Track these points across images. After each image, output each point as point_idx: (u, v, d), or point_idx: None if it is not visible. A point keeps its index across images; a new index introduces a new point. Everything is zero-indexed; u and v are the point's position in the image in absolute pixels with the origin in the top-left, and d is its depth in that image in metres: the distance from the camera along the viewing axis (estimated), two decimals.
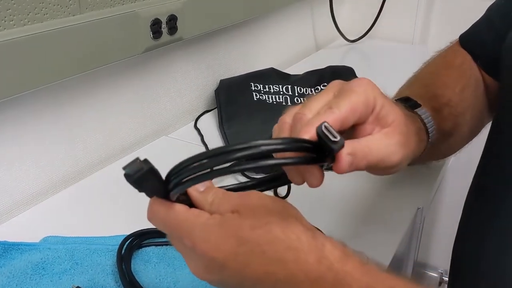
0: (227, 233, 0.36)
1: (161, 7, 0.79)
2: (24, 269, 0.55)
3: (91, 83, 0.76)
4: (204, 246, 0.36)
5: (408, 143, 0.46)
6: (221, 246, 0.36)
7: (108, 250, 0.59)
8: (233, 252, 0.36)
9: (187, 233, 0.37)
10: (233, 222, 0.36)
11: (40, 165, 0.72)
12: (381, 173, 0.46)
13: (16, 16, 0.61)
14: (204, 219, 0.37)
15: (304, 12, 1.36)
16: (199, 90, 1.01)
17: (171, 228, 0.38)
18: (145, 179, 0.37)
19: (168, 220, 0.38)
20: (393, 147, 0.44)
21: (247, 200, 0.38)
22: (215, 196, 0.39)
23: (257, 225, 0.36)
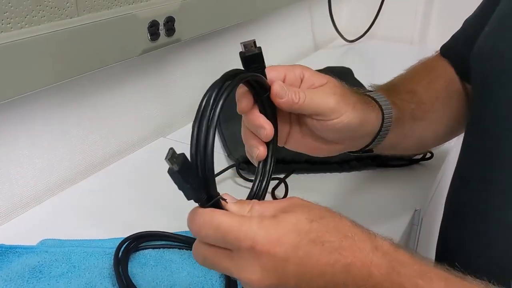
0: (286, 228, 0.37)
1: (158, 8, 0.79)
2: (21, 272, 0.55)
3: (88, 85, 0.76)
4: (265, 243, 0.36)
5: (346, 99, 0.50)
6: (282, 240, 0.36)
7: (105, 253, 0.59)
8: (294, 245, 0.36)
9: (245, 235, 0.36)
10: (289, 219, 0.38)
11: (37, 168, 0.72)
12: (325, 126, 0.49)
13: (13, 19, 0.61)
14: (258, 220, 0.37)
15: (302, 13, 1.36)
16: (197, 91, 1.01)
17: (226, 234, 0.37)
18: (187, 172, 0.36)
19: (222, 227, 0.37)
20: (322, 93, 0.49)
21: (293, 201, 0.40)
22: (253, 204, 0.40)
23: (314, 218, 0.38)
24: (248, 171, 0.78)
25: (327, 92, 0.49)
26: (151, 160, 0.84)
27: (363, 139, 0.55)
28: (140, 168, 0.81)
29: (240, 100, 0.47)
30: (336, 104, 0.49)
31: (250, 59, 0.45)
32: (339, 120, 0.49)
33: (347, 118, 0.49)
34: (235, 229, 0.37)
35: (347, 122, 0.49)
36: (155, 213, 0.69)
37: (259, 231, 0.36)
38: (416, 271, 0.37)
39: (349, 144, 0.55)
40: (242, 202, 0.41)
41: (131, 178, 0.78)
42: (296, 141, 0.53)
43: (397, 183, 0.77)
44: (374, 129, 0.55)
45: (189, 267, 0.58)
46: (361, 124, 0.52)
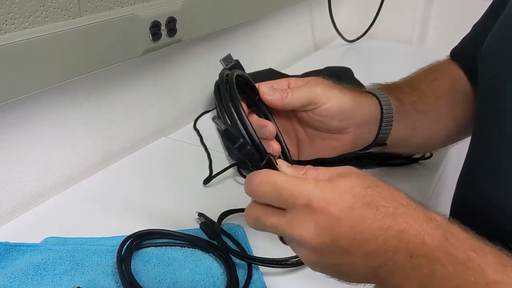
0: (342, 190, 0.38)
1: (160, 9, 0.79)
2: (25, 269, 0.56)
3: (91, 85, 0.77)
4: (320, 201, 0.37)
5: (331, 86, 0.54)
6: (337, 200, 0.37)
7: (108, 251, 0.60)
8: (348, 207, 0.37)
9: (302, 192, 0.37)
10: (345, 182, 0.38)
11: (41, 166, 0.73)
12: (320, 114, 0.53)
13: (17, 19, 0.61)
14: (314, 181, 0.38)
15: (302, 13, 1.37)
16: (198, 91, 1.02)
17: (281, 190, 0.38)
18: None
19: (279, 184, 0.38)
20: (307, 86, 0.52)
21: (348, 168, 0.41)
22: (307, 168, 0.41)
23: (369, 185, 0.39)
24: (249, 170, 0.78)
25: (311, 84, 0.53)
26: (153, 159, 0.85)
27: (368, 126, 0.57)
28: (142, 167, 0.82)
29: None
30: (322, 90, 0.52)
31: (231, 68, 0.50)
32: (331, 103, 0.52)
33: (337, 100, 0.53)
34: (291, 186, 0.38)
35: (338, 104, 0.53)
36: (157, 211, 0.70)
37: (315, 190, 0.37)
38: (469, 244, 0.37)
39: (355, 133, 0.56)
40: (296, 166, 0.42)
41: (133, 177, 0.79)
42: (308, 148, 0.55)
43: (396, 182, 0.76)
44: (374, 115, 0.57)
45: (191, 264, 0.58)
46: (355, 107, 0.54)
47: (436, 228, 0.37)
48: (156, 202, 0.72)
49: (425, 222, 0.37)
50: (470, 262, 0.36)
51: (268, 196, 0.39)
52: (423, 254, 0.36)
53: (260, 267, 0.59)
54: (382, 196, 0.38)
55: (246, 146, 0.39)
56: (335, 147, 0.56)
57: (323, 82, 0.54)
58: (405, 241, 0.37)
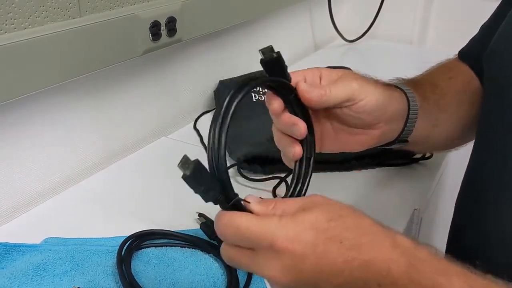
0: (305, 227, 0.37)
1: (160, 9, 0.79)
2: (25, 270, 0.56)
3: (91, 85, 0.77)
4: (283, 241, 0.37)
5: (367, 81, 0.53)
6: (300, 237, 0.37)
7: (108, 251, 0.60)
8: (312, 243, 0.37)
9: (264, 234, 0.37)
10: (308, 217, 0.38)
11: (41, 166, 0.73)
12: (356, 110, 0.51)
13: (16, 19, 0.61)
14: (277, 219, 0.38)
15: (302, 13, 1.37)
16: (198, 91, 1.01)
17: (244, 233, 0.38)
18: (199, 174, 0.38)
19: (242, 227, 0.38)
20: (343, 81, 0.51)
21: (313, 199, 0.40)
22: (276, 202, 0.41)
23: (332, 218, 0.38)
24: (249, 170, 0.78)
25: (348, 79, 0.52)
26: (153, 159, 0.85)
27: (396, 121, 0.56)
28: (142, 167, 0.82)
29: (270, 102, 0.48)
30: (359, 86, 0.51)
31: (270, 64, 0.46)
32: (368, 99, 0.51)
33: (373, 95, 0.52)
34: (254, 228, 0.38)
35: (375, 100, 0.52)
36: (157, 212, 0.70)
37: (278, 230, 0.37)
38: (436, 268, 0.37)
39: (384, 128, 0.55)
40: (265, 201, 0.41)
41: (134, 177, 0.79)
42: (332, 141, 0.54)
43: (396, 183, 0.77)
44: (403, 110, 0.56)
45: (191, 265, 0.58)
46: (388, 101, 0.54)
47: (402, 254, 0.37)
48: (156, 202, 0.72)
49: (390, 248, 0.37)
50: (436, 287, 0.36)
51: (234, 240, 0.39)
52: (390, 283, 0.36)
53: None
54: (345, 228, 0.38)
55: (209, 192, 0.38)
56: (360, 142, 0.55)
57: (358, 77, 0.53)
58: (372, 271, 0.36)
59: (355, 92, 0.51)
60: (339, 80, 0.51)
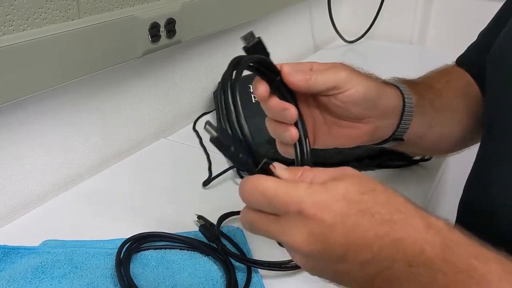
0: (336, 197, 0.36)
1: (159, 10, 0.79)
2: (24, 273, 0.56)
3: (90, 86, 0.77)
4: (313, 208, 0.35)
5: (358, 73, 0.52)
6: (331, 207, 0.35)
7: (107, 254, 0.59)
8: (343, 213, 0.35)
9: (293, 198, 0.36)
10: (339, 187, 0.37)
11: (39, 168, 0.72)
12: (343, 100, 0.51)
13: (15, 21, 0.61)
14: (306, 186, 0.37)
15: (302, 13, 1.36)
16: (197, 92, 1.01)
17: (271, 197, 0.36)
18: None
19: (269, 191, 0.37)
20: (332, 70, 0.51)
21: (345, 171, 0.39)
22: (304, 170, 0.39)
23: (364, 190, 0.37)
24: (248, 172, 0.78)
25: (337, 68, 0.51)
26: (152, 160, 0.84)
27: (389, 118, 0.55)
28: (141, 169, 0.82)
29: (257, 87, 0.47)
30: (348, 74, 0.51)
31: (253, 49, 0.47)
32: (355, 89, 0.50)
33: (362, 86, 0.51)
34: (282, 194, 0.36)
35: (363, 91, 0.51)
36: (156, 214, 0.69)
37: (307, 196, 0.36)
38: (471, 252, 0.35)
39: (376, 123, 0.54)
40: (293, 168, 0.40)
41: (132, 179, 0.78)
42: (324, 135, 0.54)
43: (396, 184, 0.77)
44: (396, 106, 0.55)
45: (190, 267, 0.58)
46: (379, 95, 0.53)
47: (436, 235, 0.36)
48: (155, 204, 0.72)
49: (424, 229, 0.36)
50: (472, 271, 0.34)
51: (260, 204, 0.38)
52: (422, 263, 0.35)
53: (259, 270, 0.59)
54: (378, 202, 0.37)
55: (237, 155, 0.38)
56: (352, 137, 0.54)
57: (349, 67, 0.52)
58: (403, 249, 0.35)
59: (342, 80, 0.50)
60: (328, 69, 0.51)
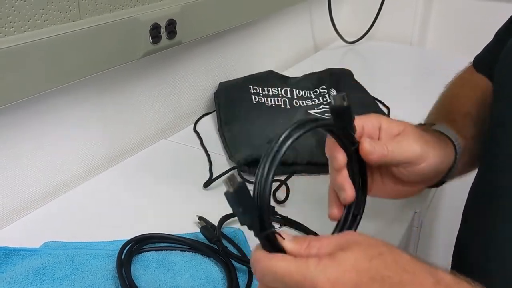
0: (345, 268, 0.36)
1: (160, 11, 0.79)
2: (25, 274, 0.56)
3: (90, 88, 0.77)
4: (325, 284, 0.36)
5: (428, 143, 0.52)
6: (342, 280, 0.36)
7: (108, 255, 0.59)
8: (354, 284, 0.36)
9: (305, 278, 0.36)
10: (347, 257, 0.37)
11: (40, 170, 0.72)
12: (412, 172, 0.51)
13: (16, 22, 0.61)
14: (316, 261, 0.37)
15: (302, 14, 1.36)
16: (198, 93, 1.01)
17: (284, 277, 0.37)
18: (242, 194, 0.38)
19: (280, 272, 0.37)
20: (406, 141, 0.51)
21: (349, 237, 0.39)
22: (310, 241, 0.39)
23: (373, 255, 0.37)
24: (249, 173, 0.78)
25: (411, 140, 0.51)
26: (153, 162, 0.84)
27: (441, 174, 0.56)
28: (142, 170, 0.82)
29: (334, 155, 0.48)
30: (422, 150, 0.51)
31: (339, 112, 0.45)
32: (426, 164, 0.51)
33: (433, 160, 0.52)
34: (294, 273, 0.37)
35: (434, 164, 0.52)
36: (157, 215, 0.69)
37: (318, 272, 0.36)
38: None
39: (430, 181, 0.56)
40: (299, 238, 0.40)
41: (134, 180, 0.78)
42: (378, 189, 0.55)
43: None
44: (450, 162, 0.56)
45: (191, 269, 0.58)
46: (442, 162, 0.54)
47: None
48: (156, 205, 0.72)
49: (433, 286, 0.36)
50: None
51: (274, 284, 0.38)
52: None
53: None
54: (386, 266, 0.37)
55: (245, 214, 0.38)
56: (403, 192, 0.56)
57: (420, 136, 0.52)
58: None
59: (417, 156, 0.51)
60: (403, 139, 0.51)
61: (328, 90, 1.04)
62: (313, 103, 1.00)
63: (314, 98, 1.02)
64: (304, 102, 1.01)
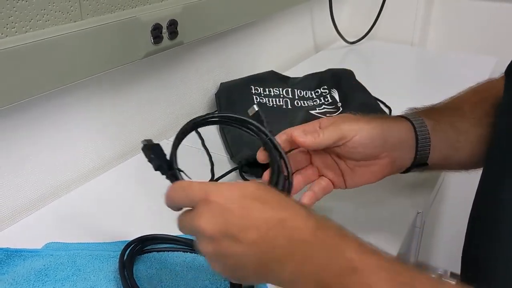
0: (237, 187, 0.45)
1: (161, 12, 0.79)
2: (26, 276, 0.56)
3: (92, 88, 0.76)
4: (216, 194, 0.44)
5: (357, 120, 0.60)
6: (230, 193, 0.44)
7: (110, 256, 0.59)
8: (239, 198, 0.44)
9: (200, 188, 0.45)
10: (242, 183, 0.46)
11: (42, 170, 0.72)
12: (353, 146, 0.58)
13: (18, 23, 0.61)
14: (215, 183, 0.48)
15: (303, 14, 1.36)
16: (199, 93, 1.01)
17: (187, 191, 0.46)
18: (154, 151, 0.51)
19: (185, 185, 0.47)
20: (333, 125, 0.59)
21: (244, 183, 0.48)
22: None
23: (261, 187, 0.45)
24: (250, 174, 0.78)
25: (338, 122, 0.59)
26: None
27: (403, 149, 0.61)
28: (143, 171, 0.81)
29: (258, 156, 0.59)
30: (348, 125, 0.59)
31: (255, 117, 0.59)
32: (359, 136, 0.58)
33: (364, 131, 0.58)
34: (195, 185, 0.45)
35: (367, 135, 0.58)
36: (159, 216, 0.69)
37: (212, 186, 0.45)
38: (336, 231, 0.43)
39: (391, 156, 0.60)
40: None
41: (135, 181, 0.78)
42: (351, 177, 0.61)
43: (399, 185, 0.77)
44: (408, 138, 0.60)
45: (194, 270, 0.58)
46: (385, 133, 0.59)
47: (309, 216, 0.43)
48: (158, 206, 0.71)
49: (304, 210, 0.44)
50: (337, 246, 0.42)
51: (179, 199, 0.47)
52: (300, 240, 0.42)
53: None
54: (269, 195, 0.45)
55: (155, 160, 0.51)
56: (374, 172, 0.61)
57: (349, 118, 0.60)
58: (287, 228, 0.42)
59: (344, 132, 0.58)
60: (331, 125, 0.59)
61: (329, 91, 1.03)
62: (314, 103, 1.00)
63: (315, 98, 1.02)
64: (306, 102, 1.00)
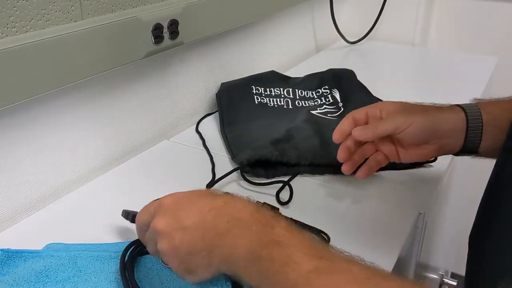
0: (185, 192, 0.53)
1: (162, 12, 0.79)
2: (27, 277, 0.55)
3: (92, 88, 0.76)
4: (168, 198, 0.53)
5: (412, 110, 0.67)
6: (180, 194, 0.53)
7: (111, 257, 0.59)
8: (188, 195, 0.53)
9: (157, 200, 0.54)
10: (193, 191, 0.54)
11: (42, 171, 0.72)
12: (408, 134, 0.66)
13: (18, 23, 0.61)
14: None
15: (304, 14, 1.36)
16: (200, 93, 1.01)
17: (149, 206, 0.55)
18: None
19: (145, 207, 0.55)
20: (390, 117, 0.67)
21: None
22: None
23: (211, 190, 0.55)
24: (252, 174, 0.78)
25: (396, 112, 0.67)
26: (155, 162, 0.84)
27: (451, 137, 0.66)
28: (144, 171, 0.81)
29: None
30: (404, 117, 0.66)
31: None
32: (413, 126, 0.65)
33: (418, 122, 0.65)
34: (152, 202, 0.55)
35: (420, 125, 0.65)
36: None
37: (167, 196, 0.53)
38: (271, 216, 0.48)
39: (439, 142, 0.67)
40: None
41: (136, 181, 0.78)
42: (404, 154, 0.70)
43: (401, 186, 0.77)
44: (456, 127, 0.65)
45: None
46: (436, 125, 0.65)
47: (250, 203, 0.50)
48: None
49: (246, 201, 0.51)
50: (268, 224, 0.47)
51: (144, 218, 0.54)
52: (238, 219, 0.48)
53: None
54: (217, 192, 0.54)
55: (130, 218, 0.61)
56: (423, 154, 0.68)
57: (407, 108, 0.67)
58: (229, 208, 0.49)
59: (399, 123, 0.66)
60: (386, 116, 0.67)
61: (330, 91, 1.03)
62: (315, 103, 1.00)
63: (316, 98, 1.02)
64: (307, 102, 1.00)
